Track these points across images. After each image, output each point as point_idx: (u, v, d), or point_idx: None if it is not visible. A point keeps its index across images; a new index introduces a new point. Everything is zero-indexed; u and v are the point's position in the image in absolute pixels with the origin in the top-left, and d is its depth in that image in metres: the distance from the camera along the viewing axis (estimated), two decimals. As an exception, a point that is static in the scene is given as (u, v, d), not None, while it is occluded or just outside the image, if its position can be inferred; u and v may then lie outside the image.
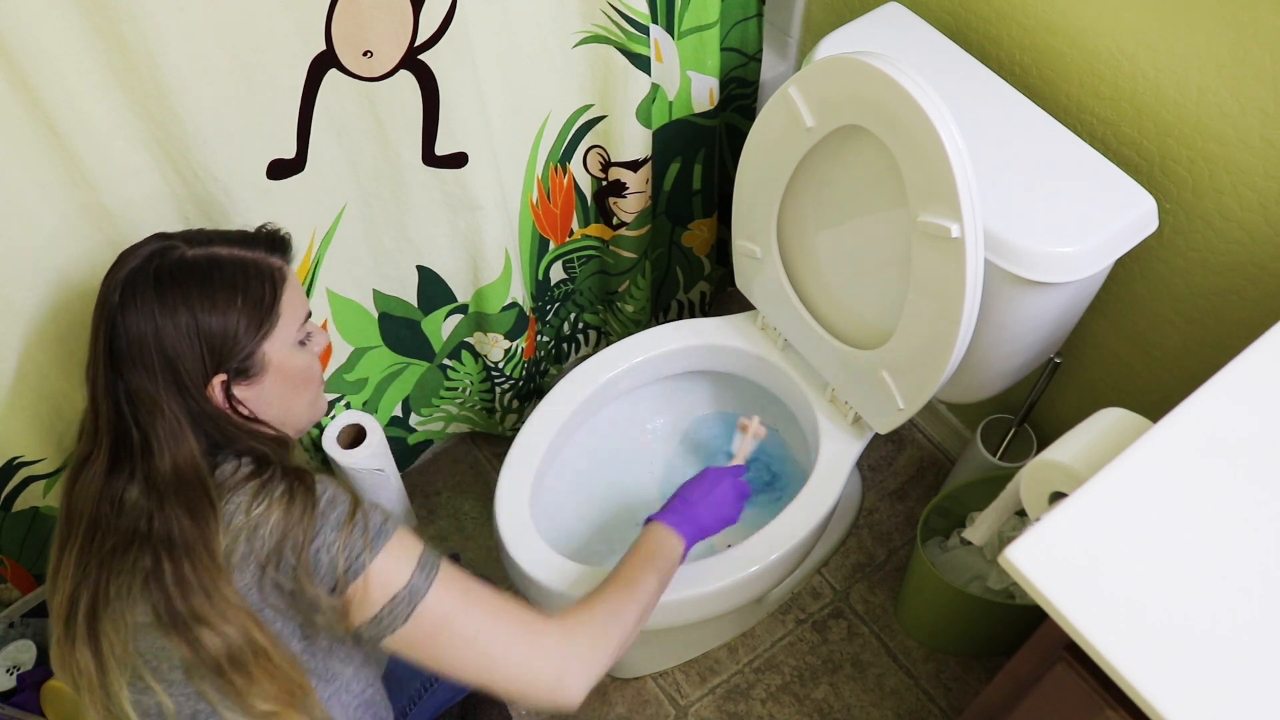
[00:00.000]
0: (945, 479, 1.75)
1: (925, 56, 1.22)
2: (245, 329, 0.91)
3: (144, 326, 0.88)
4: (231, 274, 0.91)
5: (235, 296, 0.91)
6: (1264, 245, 1.09)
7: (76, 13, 0.90)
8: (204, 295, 0.89)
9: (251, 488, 0.89)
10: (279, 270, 0.95)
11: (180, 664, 0.86)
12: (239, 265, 0.92)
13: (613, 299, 1.71)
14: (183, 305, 0.89)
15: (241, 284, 0.91)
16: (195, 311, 0.89)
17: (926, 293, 1.10)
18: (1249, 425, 0.85)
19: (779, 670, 1.59)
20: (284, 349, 0.95)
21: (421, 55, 1.10)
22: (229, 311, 0.90)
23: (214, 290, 0.90)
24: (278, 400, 0.97)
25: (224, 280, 0.91)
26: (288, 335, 0.95)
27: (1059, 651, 0.84)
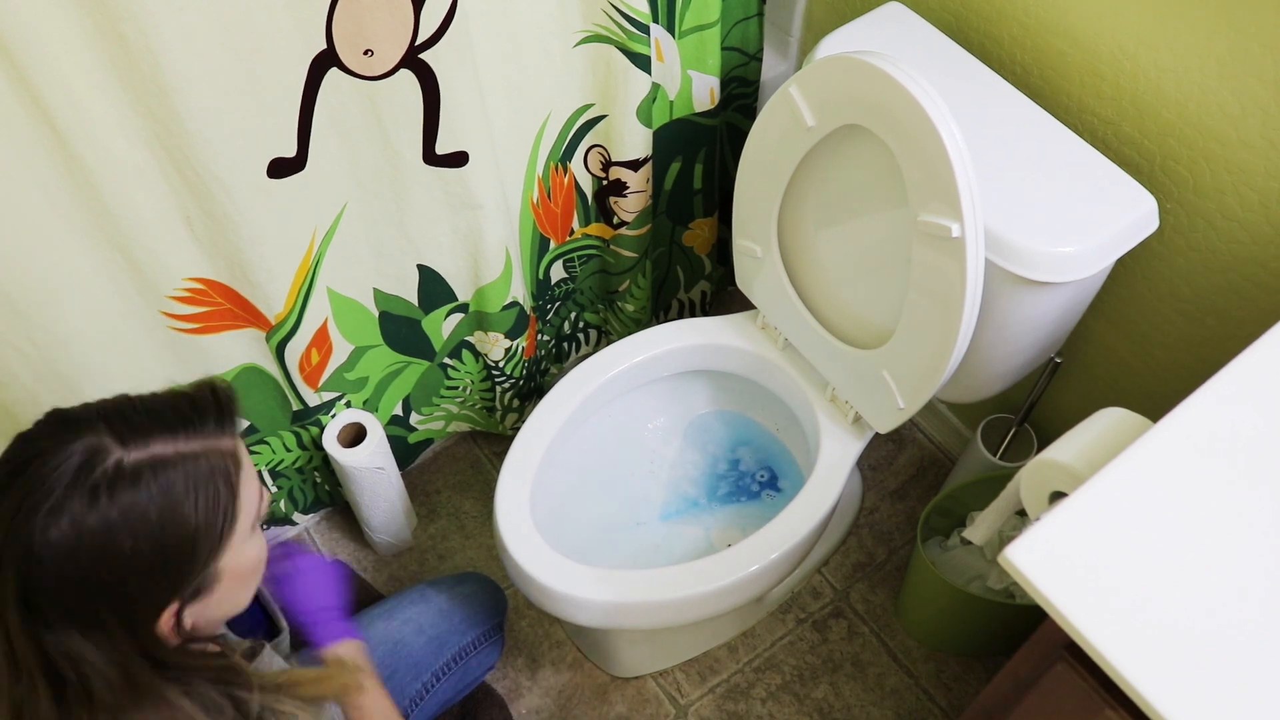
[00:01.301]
0: (945, 479, 1.75)
1: (926, 56, 1.22)
2: (203, 544, 0.75)
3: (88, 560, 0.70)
4: (182, 482, 0.73)
5: (191, 512, 0.73)
6: (1265, 245, 1.09)
7: (77, 11, 0.90)
8: (152, 522, 0.71)
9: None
10: (231, 455, 0.77)
11: None
12: (189, 468, 0.74)
13: (613, 298, 1.71)
14: (127, 537, 0.70)
15: (196, 495, 0.74)
16: (143, 543, 0.71)
17: (927, 292, 1.10)
18: (1250, 425, 0.85)
19: (779, 670, 1.59)
20: (239, 548, 0.79)
21: (422, 54, 1.10)
22: (182, 534, 0.73)
23: (163, 512, 0.72)
24: (226, 601, 0.81)
25: (174, 492, 0.72)
26: (244, 531, 0.79)
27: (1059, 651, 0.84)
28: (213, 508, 0.75)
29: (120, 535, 0.70)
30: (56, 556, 0.69)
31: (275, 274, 1.21)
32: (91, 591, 0.71)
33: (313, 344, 1.33)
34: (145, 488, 0.71)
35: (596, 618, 1.25)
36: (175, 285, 1.16)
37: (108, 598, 0.72)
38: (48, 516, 0.69)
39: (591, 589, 1.22)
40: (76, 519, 0.69)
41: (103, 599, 0.71)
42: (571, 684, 1.58)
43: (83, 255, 1.08)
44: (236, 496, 0.77)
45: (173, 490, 0.72)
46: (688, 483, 1.54)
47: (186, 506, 0.73)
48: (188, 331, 1.22)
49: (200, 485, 0.74)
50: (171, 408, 0.76)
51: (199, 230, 1.12)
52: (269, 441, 1.47)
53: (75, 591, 0.71)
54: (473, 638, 1.30)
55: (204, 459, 0.75)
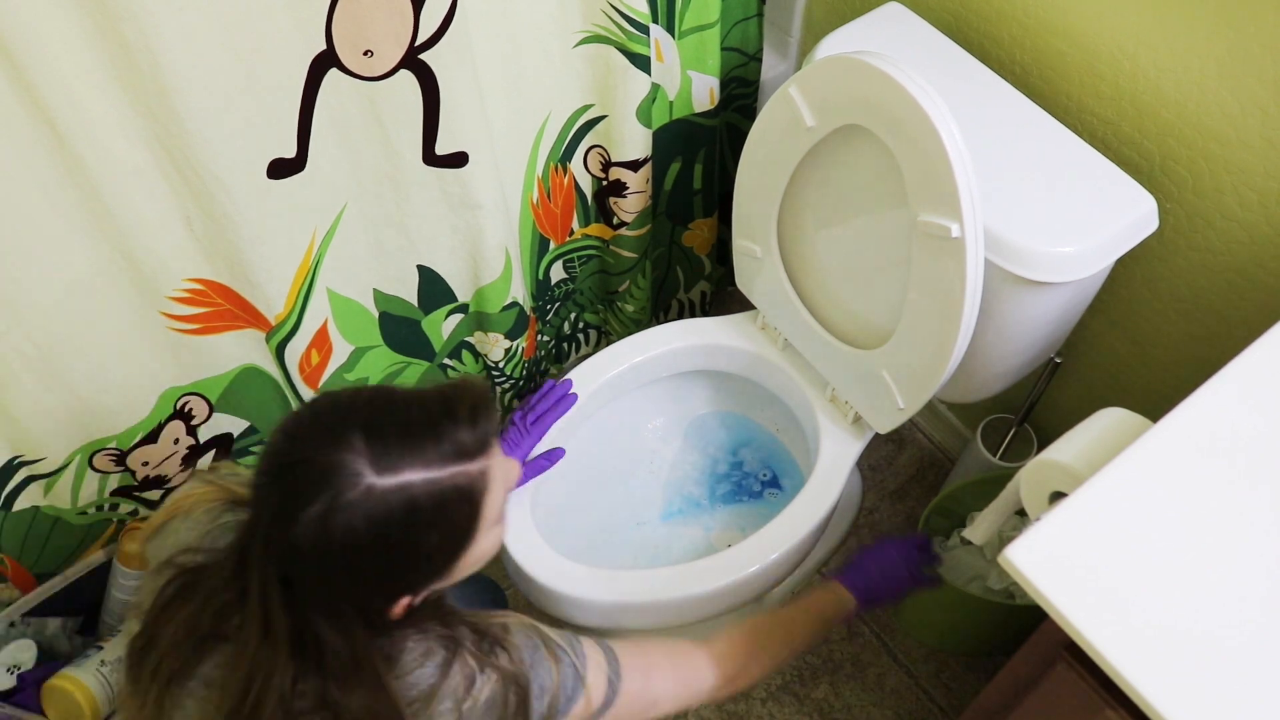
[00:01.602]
0: (945, 479, 1.75)
1: (925, 56, 1.22)
2: (437, 563, 0.82)
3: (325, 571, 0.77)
4: (426, 510, 0.77)
5: (430, 535, 0.79)
6: (1264, 245, 1.09)
7: (77, 12, 0.90)
8: (393, 541, 0.77)
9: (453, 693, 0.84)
10: (480, 478, 0.80)
11: None
12: (434, 497, 0.78)
13: (613, 298, 1.71)
14: (368, 551, 0.76)
15: (437, 519, 0.78)
16: (382, 558, 0.78)
17: (927, 292, 1.10)
18: (1249, 425, 0.85)
19: (779, 670, 1.59)
20: (476, 548, 0.84)
21: (422, 55, 1.10)
22: (420, 553, 0.80)
23: (403, 534, 0.77)
24: (459, 577, 0.87)
25: (416, 521, 0.77)
26: (484, 534, 0.84)
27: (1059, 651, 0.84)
28: (452, 528, 0.80)
29: (364, 548, 0.76)
30: (308, 556, 0.76)
31: (275, 274, 1.21)
32: (334, 590, 0.79)
33: (313, 345, 1.33)
34: (391, 511, 0.76)
35: (596, 618, 1.25)
36: (175, 286, 1.16)
37: (348, 595, 0.79)
38: (303, 522, 0.75)
39: (591, 589, 1.22)
40: (328, 530, 0.75)
41: (344, 596, 0.79)
42: (571, 684, 1.58)
43: (82, 256, 1.08)
44: (478, 514, 0.81)
45: (416, 514, 0.77)
46: (688, 483, 1.54)
47: (427, 529, 0.78)
48: (188, 332, 1.22)
49: (443, 509, 0.78)
50: (427, 426, 0.79)
51: (199, 231, 1.12)
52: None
53: (321, 587, 0.78)
54: (473, 638, 1.30)
55: (450, 485, 0.78)
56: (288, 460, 0.77)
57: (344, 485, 0.75)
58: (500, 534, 0.87)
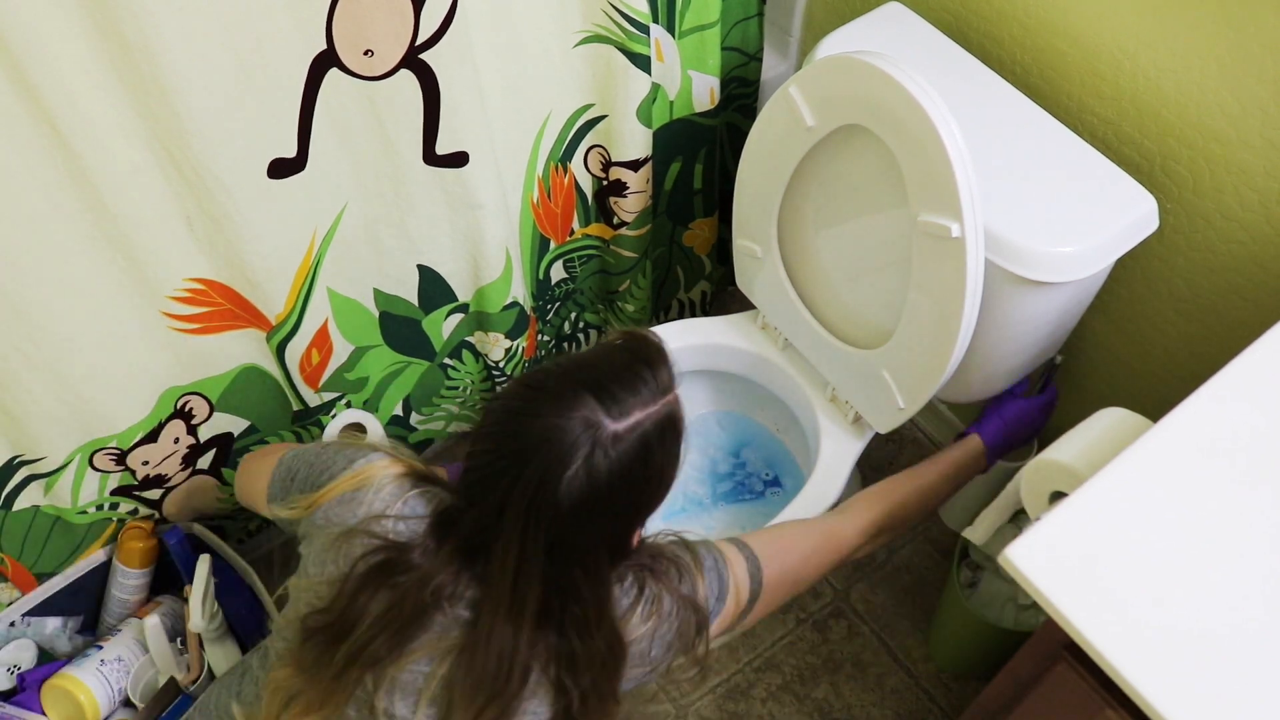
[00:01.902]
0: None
1: (926, 56, 1.22)
2: (666, 481, 0.92)
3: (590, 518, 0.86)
4: (655, 440, 0.87)
5: (662, 463, 0.89)
6: (1265, 245, 1.09)
7: (78, 11, 0.90)
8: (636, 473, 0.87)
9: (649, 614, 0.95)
10: (678, 404, 0.91)
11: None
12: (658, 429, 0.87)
13: (613, 298, 1.71)
14: (622, 486, 0.86)
15: (664, 449, 0.89)
16: (630, 490, 0.87)
17: (927, 292, 1.10)
18: (1250, 425, 0.85)
19: (779, 669, 1.59)
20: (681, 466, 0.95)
21: (422, 54, 1.10)
22: (658, 479, 0.90)
23: (641, 465, 0.87)
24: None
25: (649, 452, 0.87)
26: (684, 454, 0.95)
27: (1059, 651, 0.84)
28: (673, 452, 0.91)
29: (620, 489, 0.86)
30: (575, 509, 0.84)
31: (275, 274, 1.21)
32: (597, 537, 0.88)
33: (313, 344, 1.33)
34: (630, 447, 0.85)
35: (597, 618, 1.25)
36: (175, 285, 1.16)
37: (606, 535, 0.89)
38: (568, 481, 0.83)
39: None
40: (589, 477, 0.84)
41: (602, 537, 0.88)
42: (572, 684, 1.58)
43: (83, 255, 1.08)
44: (682, 435, 0.91)
45: (648, 444, 0.87)
46: (688, 483, 1.54)
47: (659, 457, 0.88)
48: (188, 331, 1.22)
49: (664, 437, 0.88)
50: (635, 377, 0.89)
51: (199, 230, 1.12)
52: (269, 442, 1.47)
53: (585, 539, 0.87)
54: (474, 637, 1.30)
55: (666, 415, 0.89)
56: (532, 430, 0.85)
57: (595, 438, 0.84)
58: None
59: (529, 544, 0.85)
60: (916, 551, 1.69)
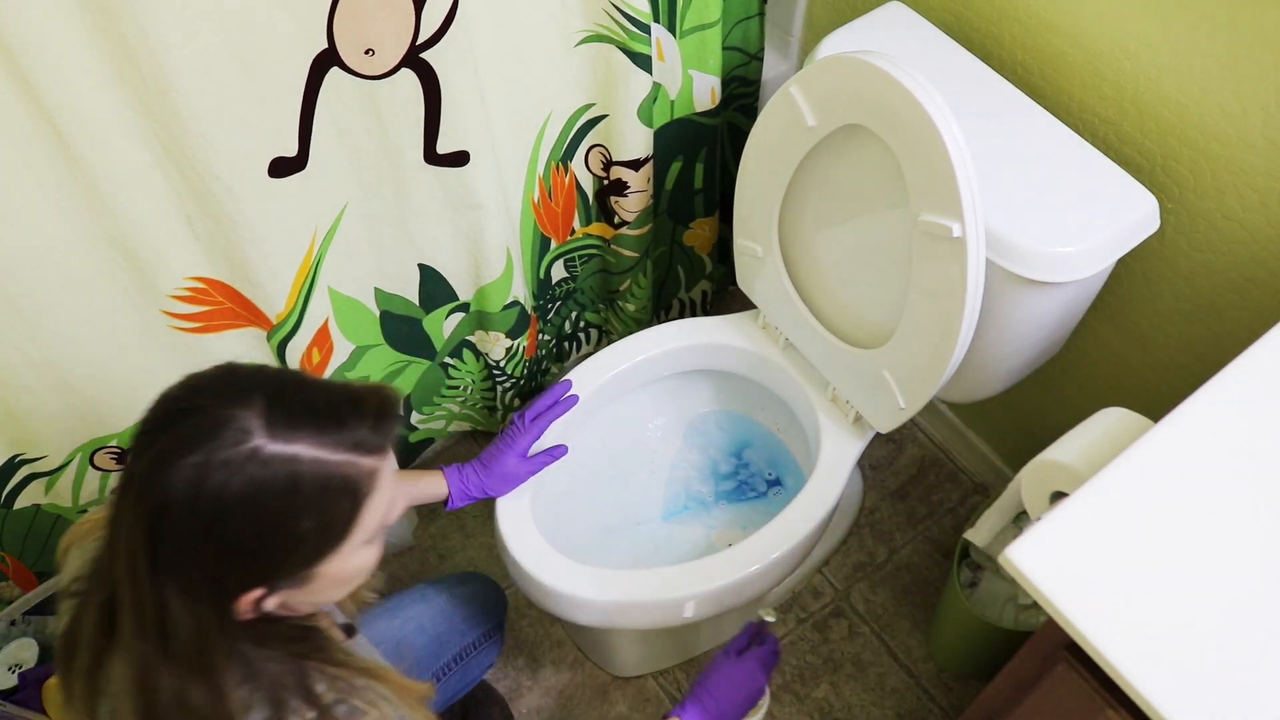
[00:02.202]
0: (946, 480, 1.75)
1: (927, 56, 1.22)
2: (304, 553, 0.76)
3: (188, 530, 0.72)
4: (308, 492, 0.73)
5: (304, 518, 0.74)
6: (1265, 245, 1.09)
7: (78, 12, 0.90)
8: (264, 513, 0.73)
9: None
10: (369, 477, 0.77)
11: None
12: (321, 479, 0.74)
13: (614, 298, 1.71)
14: (237, 518, 0.72)
15: (316, 504, 0.74)
16: (249, 529, 0.73)
17: (928, 292, 1.10)
18: (1250, 425, 0.85)
19: (779, 669, 1.59)
20: (344, 559, 0.79)
21: (423, 54, 1.10)
22: (289, 535, 0.74)
23: (279, 508, 0.73)
24: (318, 596, 0.81)
25: (295, 499, 0.73)
26: (354, 546, 0.79)
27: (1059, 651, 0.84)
28: (328, 521, 0.76)
29: (233, 514, 0.72)
30: (176, 510, 0.71)
31: (276, 273, 1.21)
32: (194, 555, 0.73)
33: (314, 343, 1.34)
34: (272, 480, 0.72)
35: (597, 617, 1.25)
36: (176, 285, 1.16)
37: (202, 564, 0.73)
38: (180, 471, 0.71)
39: (591, 589, 1.22)
40: (202, 483, 0.71)
41: (197, 564, 0.73)
42: (572, 684, 1.58)
43: (84, 255, 1.08)
44: (358, 514, 0.77)
45: (297, 491, 0.73)
46: (688, 482, 1.54)
47: (303, 510, 0.74)
48: (189, 331, 1.22)
49: (325, 495, 0.74)
50: (330, 406, 0.76)
51: (200, 230, 1.12)
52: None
53: (182, 549, 0.73)
54: (474, 637, 1.30)
55: (338, 472, 0.75)
56: (181, 407, 0.73)
57: (232, 439, 0.71)
58: (372, 557, 0.82)
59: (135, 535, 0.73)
60: (916, 551, 1.69)
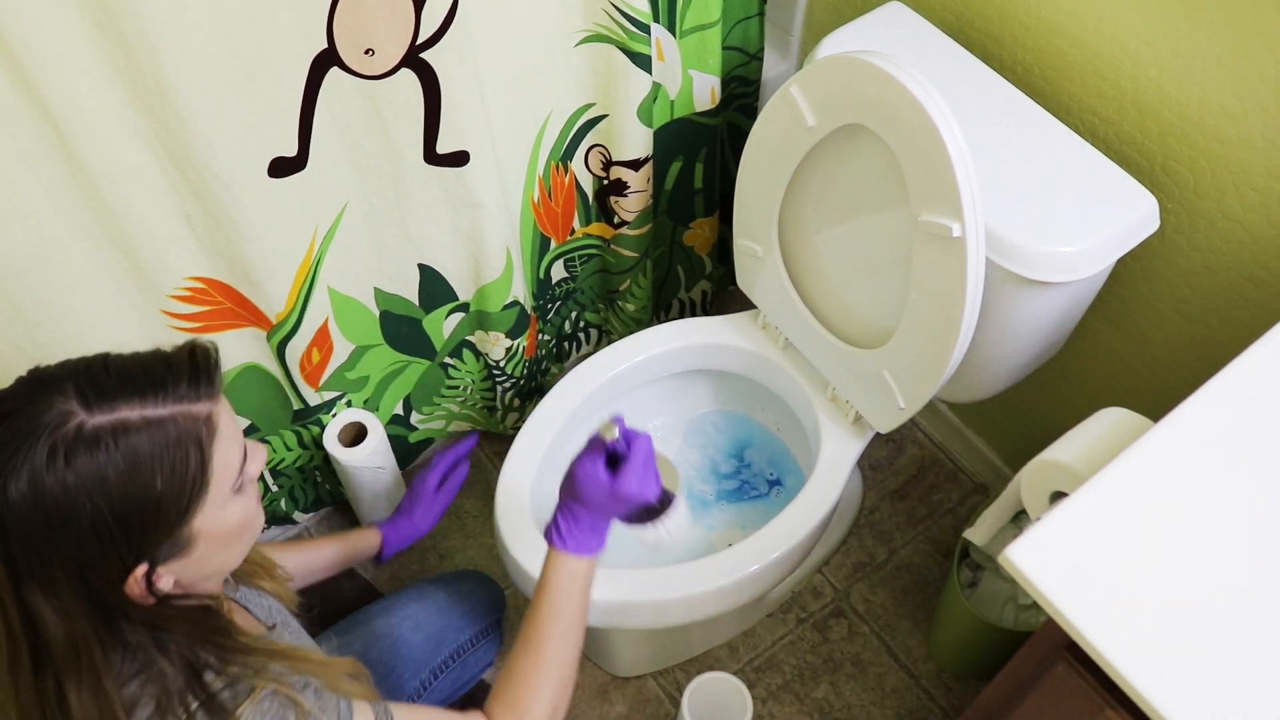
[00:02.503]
0: (946, 479, 1.75)
1: (927, 56, 1.22)
2: (168, 510, 0.74)
3: (45, 522, 0.70)
4: (147, 446, 0.72)
5: (154, 475, 0.72)
6: (1266, 245, 1.09)
7: (78, 10, 0.90)
8: (113, 480, 0.71)
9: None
10: (205, 420, 0.75)
11: None
12: (156, 433, 0.72)
13: (614, 298, 1.71)
14: (86, 496, 0.70)
15: (160, 456, 0.72)
16: (105, 502, 0.71)
17: (928, 292, 1.10)
18: (1250, 425, 0.85)
19: (779, 669, 1.59)
20: (216, 512, 0.78)
21: (423, 53, 1.10)
22: (146, 496, 0.72)
23: (126, 473, 0.71)
24: (210, 561, 0.81)
25: (137, 457, 0.71)
26: (220, 495, 0.78)
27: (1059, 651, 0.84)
28: (180, 474, 0.74)
29: (79, 499, 0.70)
30: (16, 516, 0.70)
31: (276, 273, 1.21)
32: (50, 552, 0.71)
33: (313, 343, 1.34)
34: (106, 452, 0.71)
35: (596, 617, 1.25)
36: (176, 284, 1.16)
37: (64, 560, 0.72)
38: (8, 477, 0.69)
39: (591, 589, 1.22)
40: (36, 480, 0.69)
41: (60, 560, 0.72)
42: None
43: (84, 254, 1.08)
44: (208, 462, 0.75)
45: (136, 456, 0.71)
46: (688, 482, 1.54)
47: (149, 473, 0.72)
48: (189, 330, 1.22)
49: (166, 451, 0.73)
50: (145, 370, 0.75)
51: (200, 229, 1.12)
52: (270, 440, 1.47)
53: (36, 551, 0.71)
54: (471, 635, 1.30)
55: (171, 424, 0.73)
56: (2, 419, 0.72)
57: (54, 427, 0.70)
58: (249, 508, 0.82)
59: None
60: (916, 551, 1.69)
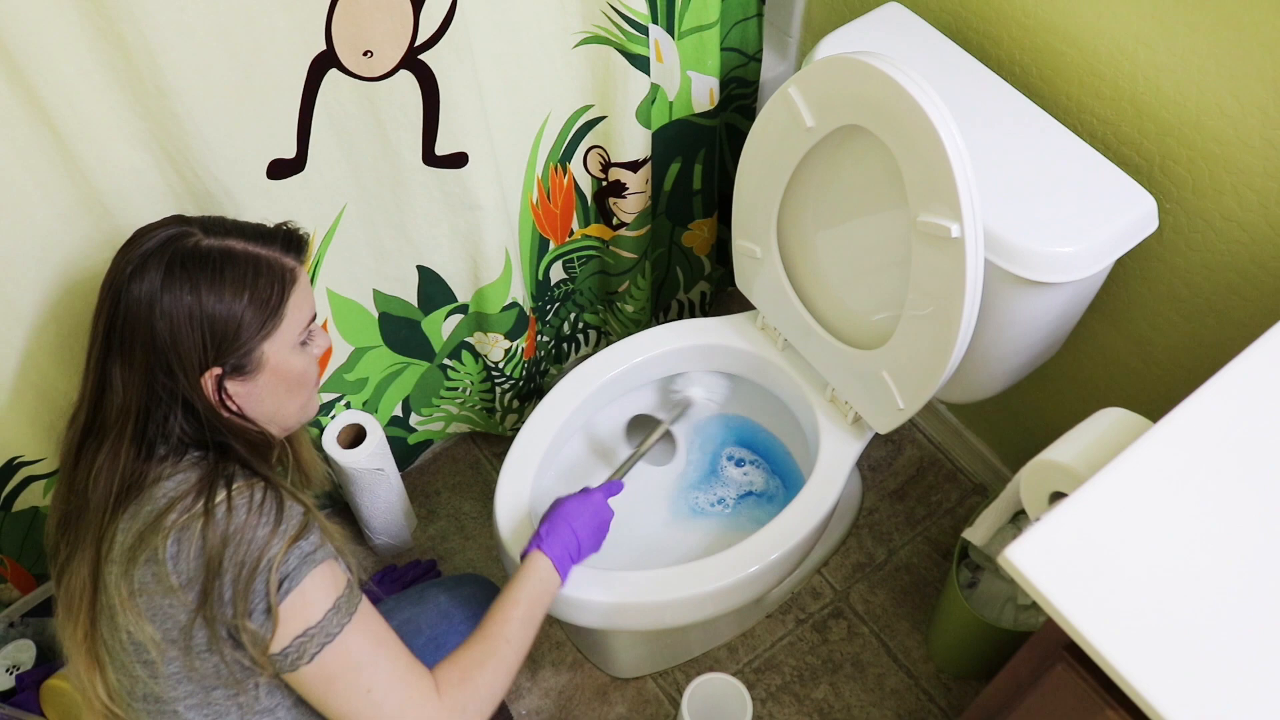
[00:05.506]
0: (945, 480, 1.75)
1: (925, 56, 1.22)
2: (248, 325, 0.92)
3: (148, 306, 0.89)
4: (242, 268, 0.92)
5: (243, 291, 0.91)
6: (1264, 245, 1.09)
7: (76, 13, 0.90)
8: (212, 286, 0.90)
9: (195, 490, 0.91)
10: (290, 270, 0.96)
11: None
12: (251, 261, 0.92)
13: (613, 299, 1.71)
14: (189, 292, 0.89)
15: (250, 280, 0.92)
16: (201, 300, 0.89)
17: (926, 293, 1.10)
18: (1249, 425, 0.85)
19: (779, 670, 1.59)
20: (284, 349, 0.96)
21: (422, 55, 1.10)
22: (234, 305, 0.91)
23: (222, 282, 0.90)
24: (269, 399, 0.98)
25: (234, 274, 0.91)
26: (290, 336, 0.96)
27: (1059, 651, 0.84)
28: (263, 298, 0.92)
29: (183, 296, 0.89)
30: (132, 303, 0.90)
31: (275, 275, 1.21)
32: (145, 335, 0.90)
33: (312, 345, 1.33)
34: (213, 264, 0.90)
35: (596, 618, 1.25)
36: (175, 286, 1.16)
37: (156, 343, 0.90)
38: (134, 274, 0.90)
39: (591, 589, 1.22)
40: (153, 277, 0.89)
41: (148, 343, 0.90)
42: (571, 684, 1.58)
43: (82, 256, 1.08)
44: (285, 299, 0.94)
45: (234, 271, 0.91)
46: (688, 483, 1.54)
47: (239, 287, 0.91)
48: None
49: (255, 277, 0.92)
50: (254, 228, 0.96)
51: (198, 231, 1.12)
52: (269, 442, 1.47)
53: (134, 331, 0.90)
54: (471, 638, 1.30)
55: (265, 261, 0.93)
56: (138, 235, 0.93)
57: (179, 239, 0.91)
58: (309, 366, 0.99)
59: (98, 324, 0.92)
60: (915, 552, 1.69)
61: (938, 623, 1.55)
